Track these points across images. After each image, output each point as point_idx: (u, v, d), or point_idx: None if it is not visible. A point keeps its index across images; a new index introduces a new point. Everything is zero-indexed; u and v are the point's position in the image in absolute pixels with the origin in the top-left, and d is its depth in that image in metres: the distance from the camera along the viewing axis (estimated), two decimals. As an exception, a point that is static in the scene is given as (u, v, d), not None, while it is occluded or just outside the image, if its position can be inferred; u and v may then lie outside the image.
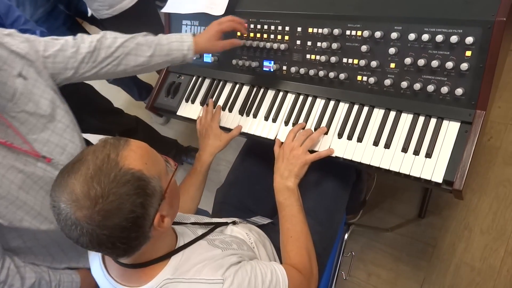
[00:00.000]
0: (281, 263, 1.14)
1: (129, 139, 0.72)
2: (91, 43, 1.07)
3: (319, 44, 1.15)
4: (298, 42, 1.20)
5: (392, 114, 1.06)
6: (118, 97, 2.71)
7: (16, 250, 0.98)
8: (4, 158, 0.88)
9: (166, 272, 0.77)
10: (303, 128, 1.16)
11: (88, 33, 2.17)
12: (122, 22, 1.74)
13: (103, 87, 2.09)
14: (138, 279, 0.78)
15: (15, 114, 0.92)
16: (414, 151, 0.99)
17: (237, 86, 1.35)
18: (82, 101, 1.70)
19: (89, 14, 1.79)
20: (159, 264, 0.77)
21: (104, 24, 1.78)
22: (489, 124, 1.76)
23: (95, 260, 0.86)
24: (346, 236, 1.41)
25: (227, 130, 1.30)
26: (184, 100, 1.44)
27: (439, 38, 0.95)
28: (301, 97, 1.21)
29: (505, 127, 1.75)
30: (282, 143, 1.14)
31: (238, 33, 1.31)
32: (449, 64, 0.95)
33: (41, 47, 1.01)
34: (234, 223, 1.11)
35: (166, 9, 1.46)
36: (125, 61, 1.13)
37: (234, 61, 1.34)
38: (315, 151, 1.10)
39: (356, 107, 1.12)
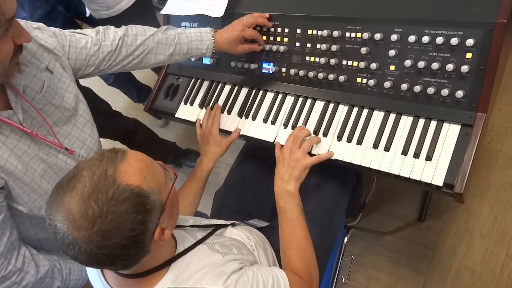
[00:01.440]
0: (280, 267, 1.13)
1: (126, 150, 0.70)
2: (113, 41, 1.09)
3: (318, 46, 1.15)
4: (298, 44, 1.19)
5: (392, 116, 1.05)
6: (117, 100, 2.70)
7: (26, 240, 0.99)
8: (29, 147, 0.90)
9: (167, 280, 0.75)
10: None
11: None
12: (120, 23, 1.73)
13: (102, 90, 2.08)
14: None
15: (42, 106, 0.95)
16: (414, 153, 0.98)
17: (236, 88, 1.34)
18: None
19: (88, 14, 1.78)
20: (159, 273, 0.76)
21: (102, 24, 1.78)
22: (489, 127, 1.76)
23: (93, 269, 0.85)
24: (345, 239, 1.40)
25: (226, 132, 1.29)
26: (182, 102, 1.43)
27: (439, 40, 0.94)
28: (300, 99, 1.20)
29: (505, 130, 1.75)
30: (282, 146, 1.13)
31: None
32: (450, 66, 0.94)
33: (66, 43, 1.03)
34: (233, 225, 1.10)
35: (165, 10, 1.46)
36: (146, 59, 1.15)
37: (233, 63, 1.34)
38: (315, 155, 1.09)
39: (355, 109, 1.11)
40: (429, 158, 0.96)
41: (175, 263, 0.78)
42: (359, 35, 1.07)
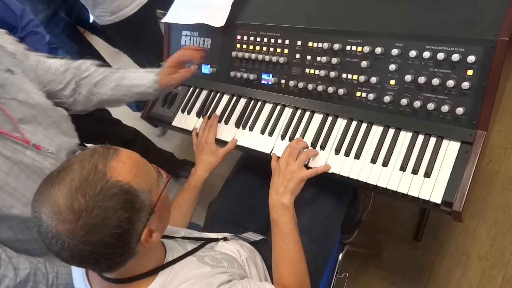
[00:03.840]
0: (272, 282, 1.10)
1: (119, 148, 0.69)
2: (64, 66, 1.14)
3: (318, 58, 1.14)
4: (298, 56, 1.18)
5: (391, 131, 1.03)
6: (116, 108, 2.68)
7: (6, 243, 0.95)
8: None
9: None
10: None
11: (89, 43, 2.17)
12: (123, 29, 1.73)
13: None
14: None
15: (5, 101, 0.92)
16: (412, 170, 0.96)
17: (234, 98, 1.33)
18: None
19: (91, 20, 1.78)
20: (146, 280, 0.73)
21: (105, 30, 1.78)
22: (488, 148, 1.74)
23: (78, 272, 0.83)
24: (340, 256, 1.36)
25: (223, 142, 1.28)
26: (180, 111, 1.42)
27: (441, 56, 0.94)
28: (299, 112, 1.19)
29: (504, 151, 1.73)
30: (279, 158, 1.11)
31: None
32: (450, 83, 0.93)
33: (30, 54, 1.06)
34: (225, 239, 1.08)
35: (166, 19, 1.46)
36: (94, 90, 1.17)
37: (232, 73, 1.33)
38: (312, 167, 1.07)
39: (354, 123, 1.09)
40: (427, 174, 0.94)
41: (163, 272, 0.75)
42: (359, 48, 1.06)
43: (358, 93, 1.08)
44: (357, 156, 1.05)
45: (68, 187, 0.60)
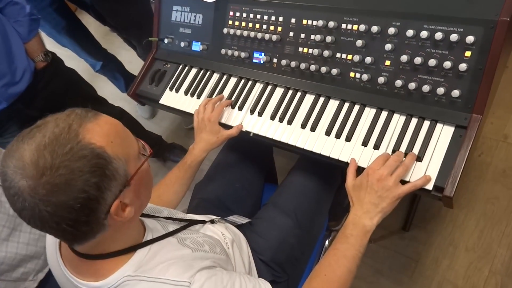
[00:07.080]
0: (256, 266, 1.07)
1: (100, 113, 0.65)
2: None
3: (312, 36, 1.10)
4: (291, 34, 1.14)
5: (384, 114, 1.00)
6: (104, 88, 2.62)
7: None
8: None
9: (128, 268, 0.69)
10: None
11: (78, 19, 2.10)
12: (112, 5, 1.68)
13: (89, 77, 2.01)
14: (95, 273, 0.70)
15: None
16: (404, 153, 0.93)
17: (225, 77, 1.28)
18: (64, 85, 1.62)
19: (79, -5, 1.72)
20: (121, 258, 0.70)
21: (93, 5, 1.72)
22: (480, 139, 1.73)
23: (51, 246, 0.79)
24: (327, 242, 1.34)
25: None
26: (168, 89, 1.37)
27: (438, 36, 0.90)
28: (290, 92, 1.15)
29: (496, 143, 1.72)
30: (357, 167, 0.96)
31: None
32: (447, 64, 0.90)
33: None
34: (212, 221, 1.04)
35: (157, -7, 1.40)
36: None
37: (223, 51, 1.28)
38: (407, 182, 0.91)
39: (346, 105, 1.06)
40: (419, 158, 0.91)
41: (140, 251, 0.72)
42: (355, 27, 1.03)
43: (352, 74, 1.05)
44: (348, 139, 1.01)
45: (37, 143, 0.56)
